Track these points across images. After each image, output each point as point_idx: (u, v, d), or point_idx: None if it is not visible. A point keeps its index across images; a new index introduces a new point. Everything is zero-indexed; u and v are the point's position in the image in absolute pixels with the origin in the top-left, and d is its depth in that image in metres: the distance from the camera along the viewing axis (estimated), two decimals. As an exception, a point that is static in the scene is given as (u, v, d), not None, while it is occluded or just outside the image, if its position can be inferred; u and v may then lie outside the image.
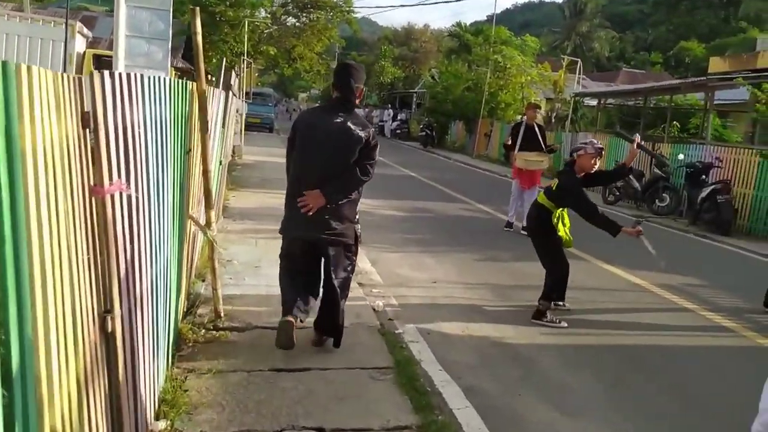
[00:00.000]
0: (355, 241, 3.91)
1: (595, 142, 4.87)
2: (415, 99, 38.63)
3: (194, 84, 3.86)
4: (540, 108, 9.54)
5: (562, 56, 20.43)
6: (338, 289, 3.80)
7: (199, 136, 4.03)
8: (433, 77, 36.11)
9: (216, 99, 5.30)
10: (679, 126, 16.30)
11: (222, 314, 4.31)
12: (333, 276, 3.78)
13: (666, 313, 5.49)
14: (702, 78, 12.74)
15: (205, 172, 4.11)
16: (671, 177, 11.82)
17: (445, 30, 44.87)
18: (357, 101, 3.81)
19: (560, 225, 4.82)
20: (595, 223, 4.57)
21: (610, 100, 19.63)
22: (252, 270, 5.58)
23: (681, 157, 11.41)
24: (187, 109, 3.65)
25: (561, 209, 4.80)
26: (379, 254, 6.86)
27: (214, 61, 26.19)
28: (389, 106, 40.86)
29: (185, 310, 4.32)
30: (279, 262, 4.16)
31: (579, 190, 4.63)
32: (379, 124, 37.07)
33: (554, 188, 4.72)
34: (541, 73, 22.12)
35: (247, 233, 7.03)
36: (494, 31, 25.35)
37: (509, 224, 8.74)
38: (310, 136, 3.74)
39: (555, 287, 4.83)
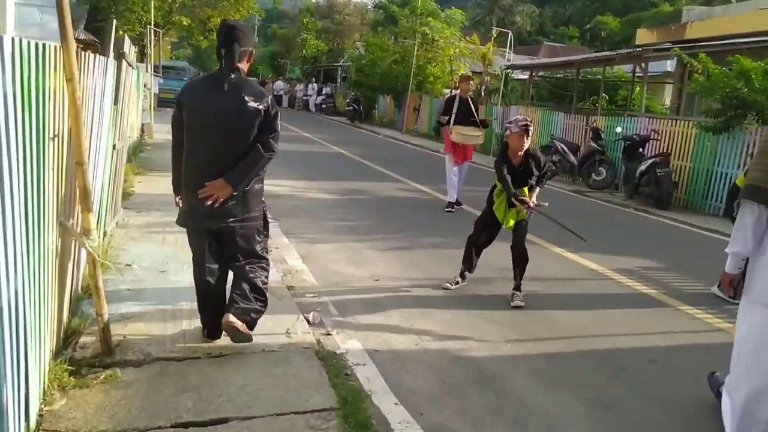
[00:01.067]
0: (264, 221, 3.58)
1: (520, 118, 4.58)
2: (340, 73, 37.47)
3: (56, 48, 2.84)
4: (473, 80, 9.19)
5: (493, 28, 19.87)
6: (253, 276, 3.49)
7: (70, 118, 3.02)
8: (357, 50, 35.06)
9: (100, 69, 4.22)
10: (607, 98, 16.22)
11: (111, 345, 3.36)
12: (245, 265, 3.46)
13: (634, 306, 4.98)
14: (637, 49, 12.54)
15: (80, 164, 3.11)
16: (606, 150, 11.58)
17: (370, 2, 43.72)
18: (246, 67, 3.36)
19: (498, 201, 4.76)
20: (501, 185, 4.70)
21: (540, 73, 19.33)
22: (156, 276, 4.60)
23: (618, 130, 11.14)
24: (43, 80, 2.65)
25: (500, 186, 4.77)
26: (310, 247, 6.01)
27: (121, 33, 24.11)
28: (313, 80, 39.49)
29: (60, 342, 3.34)
30: (191, 267, 3.51)
31: (498, 168, 4.67)
32: (304, 98, 35.78)
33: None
34: (470, 45, 21.57)
35: (153, 227, 5.98)
36: (420, 3, 24.55)
37: (451, 204, 8.28)
38: (200, 114, 3.27)
39: (464, 256, 4.98)
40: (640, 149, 10.35)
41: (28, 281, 2.52)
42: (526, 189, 4.75)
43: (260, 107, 3.23)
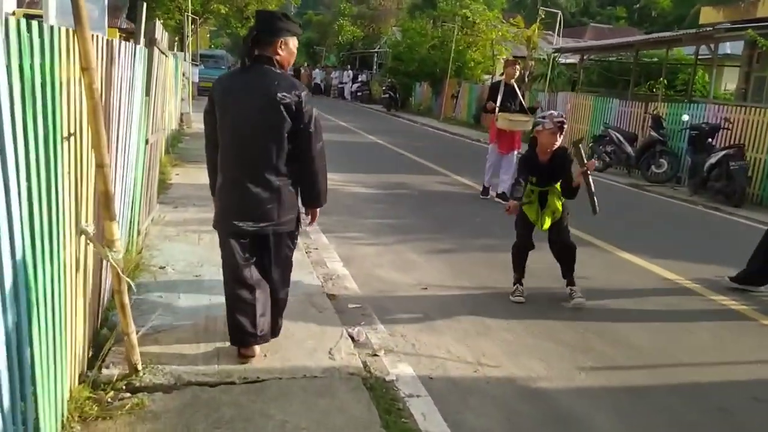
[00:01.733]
0: (297, 225, 3.24)
1: (556, 114, 4.22)
2: (376, 59, 36.89)
3: (68, 32, 2.45)
4: (519, 64, 8.65)
5: (539, 9, 18.95)
6: (279, 285, 3.24)
7: (88, 113, 2.64)
8: (394, 35, 34.37)
9: (128, 58, 3.85)
10: (666, 83, 15.25)
11: (139, 366, 3.01)
12: (272, 271, 3.19)
13: (725, 326, 4.38)
14: (707, 28, 11.64)
15: (100, 167, 2.73)
16: (668, 140, 10.80)
17: (406, -15, 42.87)
18: (284, 57, 3.02)
19: (531, 202, 4.40)
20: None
21: (591, 57, 18.31)
22: (190, 281, 4.26)
23: (686, 118, 10.32)
24: (52, 70, 2.26)
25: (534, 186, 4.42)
26: (351, 249, 5.59)
27: (161, 21, 24.06)
28: (348, 67, 38.99)
29: (88, 361, 3.00)
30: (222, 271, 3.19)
31: (520, 164, 4.40)
32: (339, 86, 35.37)
33: None
34: (513, 28, 20.73)
35: (189, 225, 5.66)
36: (460, -16, 23.79)
37: (486, 190, 8.11)
38: (229, 109, 3.00)
39: (513, 263, 4.59)
40: (710, 140, 9.55)
41: (36, 306, 2.16)
42: (556, 187, 4.41)
43: (290, 100, 2.89)
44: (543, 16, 18.50)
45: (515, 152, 7.92)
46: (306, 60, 49.61)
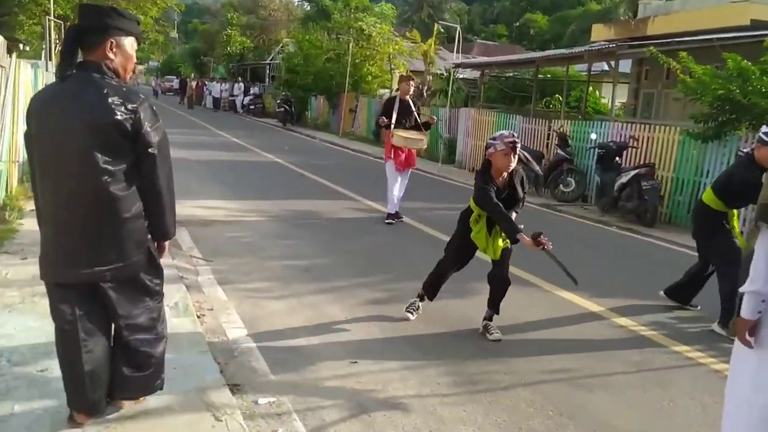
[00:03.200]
0: (150, 262, 2.62)
1: (506, 134, 3.95)
2: (268, 71, 35.51)
3: None
4: (414, 80, 8.45)
5: (439, 22, 18.66)
6: (140, 343, 2.62)
7: None
8: (284, 47, 33.21)
9: None
10: (561, 99, 15.43)
11: None
12: (123, 327, 2.57)
13: (675, 373, 3.83)
14: (609, 45, 11.68)
15: None
16: (575, 158, 10.64)
17: (297, -4, 41.93)
18: (118, 61, 2.48)
19: (478, 225, 4.08)
20: (497, 223, 3.98)
21: (493, 72, 18.18)
22: (32, 379, 3.01)
23: (593, 136, 10.18)
24: None
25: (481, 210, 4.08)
26: (256, 306, 4.51)
27: (25, 28, 21.36)
28: (239, 78, 37.29)
29: None
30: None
31: (483, 191, 3.92)
32: (230, 99, 33.61)
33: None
34: (409, 42, 20.36)
35: (40, 284, 4.30)
36: (353, -3, 23.23)
37: (391, 216, 7.68)
38: (49, 128, 2.40)
39: (429, 279, 4.34)
40: (617, 158, 9.42)
41: None
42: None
43: (122, 117, 2.34)
44: (441, 30, 18.25)
45: (411, 169, 7.85)
46: (193, 71, 47.10)
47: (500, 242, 4.07)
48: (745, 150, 4.75)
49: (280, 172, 11.92)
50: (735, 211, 4.61)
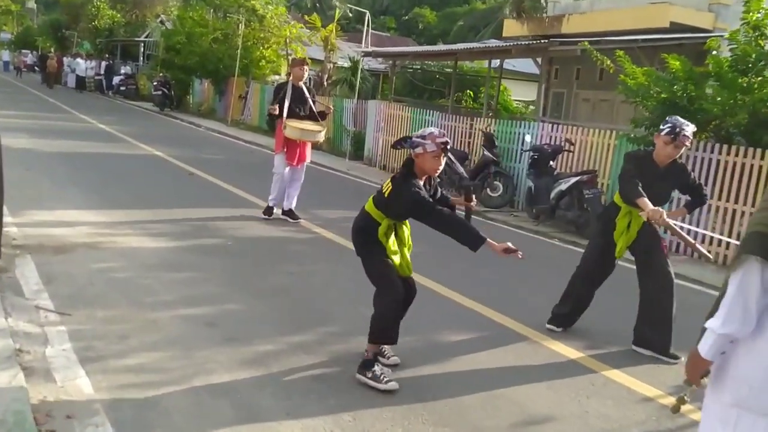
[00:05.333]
0: None
1: (436, 132, 3.38)
2: (143, 50, 32.05)
3: None
4: (308, 64, 7.43)
5: (336, 6, 17.16)
6: None
7: None
8: (162, 22, 30.06)
9: None
10: (472, 95, 14.65)
11: None
12: None
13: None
14: (540, 41, 10.89)
15: None
16: (501, 159, 9.75)
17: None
18: None
19: (390, 240, 3.48)
20: (449, 231, 3.30)
21: (404, 63, 16.87)
22: None
23: (528, 138, 9.27)
24: None
25: (391, 221, 3.49)
26: (142, 404, 2.89)
27: None
28: (107, 56, 33.41)
29: None
30: None
31: (419, 199, 3.29)
32: (96, 78, 29.89)
33: (386, 194, 3.42)
34: (304, 28, 18.66)
35: None
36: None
37: (269, 209, 7.07)
38: None
39: (380, 324, 3.41)
40: (551, 162, 8.61)
41: None
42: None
43: None
44: (350, 14, 16.81)
45: (304, 164, 7.16)
46: (54, 45, 41.83)
47: (407, 254, 3.55)
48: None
49: (163, 170, 9.94)
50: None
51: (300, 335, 3.82)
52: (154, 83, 23.27)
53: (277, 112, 6.85)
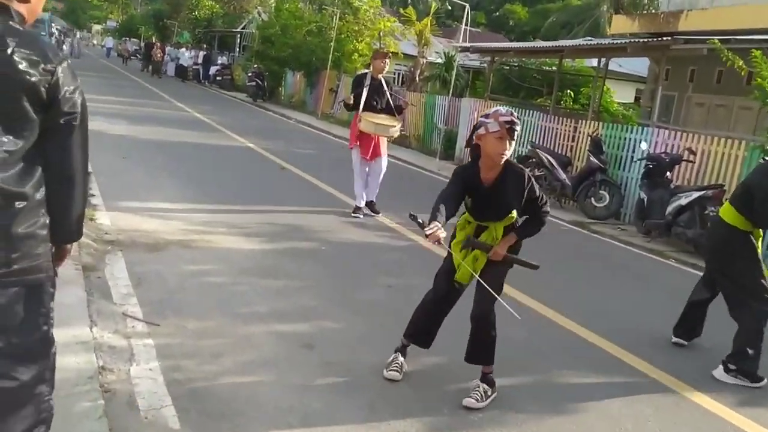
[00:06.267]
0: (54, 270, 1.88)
1: (502, 110, 3.01)
2: (239, 41, 32.90)
3: None
4: (390, 57, 7.27)
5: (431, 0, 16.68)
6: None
7: None
8: (259, 14, 30.67)
9: None
10: (572, 95, 13.75)
11: None
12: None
13: None
14: (659, 38, 9.97)
15: None
16: (608, 167, 8.96)
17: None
18: (21, 6, 1.80)
19: (458, 234, 3.22)
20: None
21: (501, 61, 16.09)
22: None
23: (644, 146, 8.45)
24: None
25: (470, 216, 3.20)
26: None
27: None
28: (204, 46, 34.56)
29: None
30: None
31: (453, 177, 3.08)
32: (194, 67, 30.96)
33: None
34: (405, 19, 18.28)
35: None
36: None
37: (358, 209, 6.89)
38: None
39: (413, 315, 3.33)
40: (668, 173, 7.77)
41: None
42: (499, 228, 3.17)
43: (36, 78, 1.72)
44: (448, 6, 16.28)
45: (381, 159, 6.94)
46: (155, 34, 43.88)
47: (470, 266, 3.12)
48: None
49: (256, 163, 9.87)
50: (760, 232, 3.89)
51: (413, 363, 3.41)
52: (249, 74, 23.73)
53: (352, 102, 6.75)
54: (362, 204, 6.93)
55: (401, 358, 3.29)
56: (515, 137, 2.97)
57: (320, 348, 3.47)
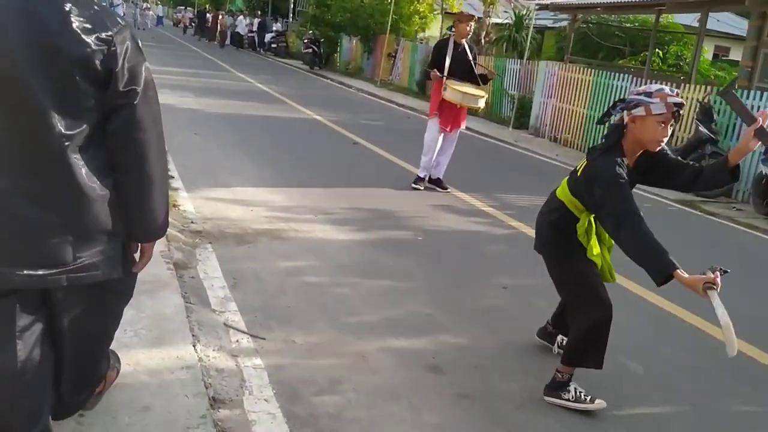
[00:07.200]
0: (125, 267, 1.79)
1: (666, 89, 2.48)
2: (293, 6, 32.29)
3: None
4: (474, 19, 6.80)
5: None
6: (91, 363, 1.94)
7: None
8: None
9: None
10: (661, 55, 12.57)
11: None
12: (76, 362, 1.85)
13: None
14: None
15: None
16: (720, 138, 8.04)
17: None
18: None
19: (592, 240, 2.71)
20: (628, 246, 2.38)
21: (573, 18, 14.91)
22: None
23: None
24: None
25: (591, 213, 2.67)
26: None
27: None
28: (258, 13, 34.09)
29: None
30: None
31: (614, 181, 2.44)
32: (249, 35, 30.59)
33: (578, 173, 2.65)
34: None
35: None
36: None
37: (420, 180, 6.56)
38: None
39: (582, 344, 2.67)
40: (799, 147, 6.83)
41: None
42: None
43: (91, 49, 1.51)
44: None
45: (458, 131, 6.55)
46: (208, 2, 43.69)
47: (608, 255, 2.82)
48: None
49: (326, 137, 9.37)
50: None
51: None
52: (304, 41, 23.18)
53: (438, 75, 6.25)
54: (424, 175, 6.57)
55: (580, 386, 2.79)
56: (679, 119, 2.55)
57: (449, 373, 2.95)
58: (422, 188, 6.50)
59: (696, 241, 6.14)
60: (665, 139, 2.54)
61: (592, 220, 2.74)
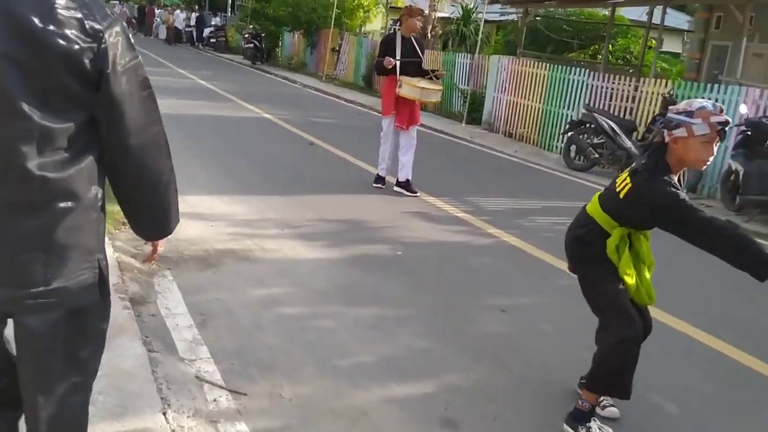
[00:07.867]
0: (103, 289, 1.50)
1: (708, 107, 2.32)
2: (231, 0, 31.21)
3: None
4: (423, 14, 7.13)
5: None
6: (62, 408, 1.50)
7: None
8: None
9: None
10: (610, 48, 12.56)
11: None
12: (41, 397, 1.46)
13: None
14: None
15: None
16: (681, 133, 7.96)
17: None
18: None
19: (623, 258, 2.51)
20: (728, 251, 2.32)
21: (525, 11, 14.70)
22: None
23: (744, 110, 7.40)
24: None
25: (626, 230, 2.53)
26: None
27: None
28: (196, 7, 32.80)
29: None
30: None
31: (675, 201, 2.31)
32: (187, 30, 29.32)
33: (621, 194, 2.45)
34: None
35: None
36: None
37: (381, 179, 6.36)
38: None
39: (606, 367, 2.50)
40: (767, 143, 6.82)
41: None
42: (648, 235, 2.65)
43: (79, 46, 1.32)
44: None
45: (415, 128, 6.31)
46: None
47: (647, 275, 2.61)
48: None
49: (280, 137, 8.79)
50: None
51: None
52: (245, 35, 22.38)
53: (392, 65, 6.00)
54: (384, 174, 6.36)
55: (602, 425, 2.58)
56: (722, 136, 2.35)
57: (466, 427, 2.54)
58: (383, 186, 6.29)
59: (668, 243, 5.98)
60: (711, 158, 2.41)
61: (626, 235, 2.55)
